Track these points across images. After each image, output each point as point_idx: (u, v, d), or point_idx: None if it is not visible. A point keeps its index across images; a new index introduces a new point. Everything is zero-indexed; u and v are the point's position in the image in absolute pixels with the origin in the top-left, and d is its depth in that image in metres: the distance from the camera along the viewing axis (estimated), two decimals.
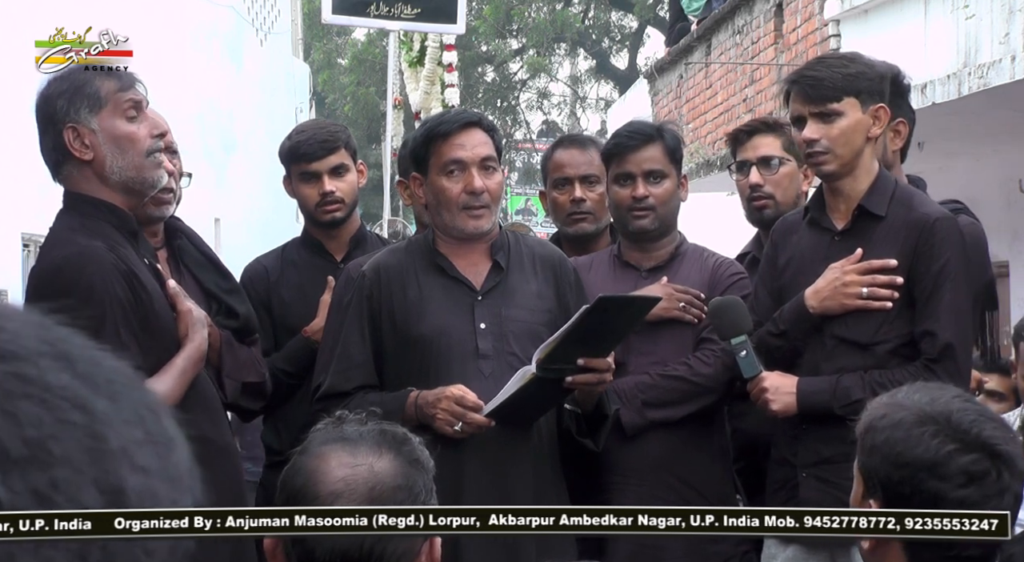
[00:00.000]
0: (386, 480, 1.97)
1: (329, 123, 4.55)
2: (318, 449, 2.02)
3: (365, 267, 3.72)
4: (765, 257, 3.83)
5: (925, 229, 3.56)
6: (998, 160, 9.91)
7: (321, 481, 1.97)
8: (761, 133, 4.23)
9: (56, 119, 3.28)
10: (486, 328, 3.60)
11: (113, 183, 3.29)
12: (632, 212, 3.94)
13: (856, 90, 3.58)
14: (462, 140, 3.63)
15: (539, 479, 3.58)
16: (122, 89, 3.31)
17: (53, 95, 3.29)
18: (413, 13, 8.80)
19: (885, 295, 3.56)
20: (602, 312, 3.36)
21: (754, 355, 3.61)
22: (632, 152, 3.95)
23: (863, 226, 3.62)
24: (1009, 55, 7.24)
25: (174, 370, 3.29)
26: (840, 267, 3.60)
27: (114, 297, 3.19)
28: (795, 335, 3.63)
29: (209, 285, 3.84)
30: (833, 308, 3.58)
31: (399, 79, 12.36)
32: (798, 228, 3.75)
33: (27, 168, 7.85)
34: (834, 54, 3.93)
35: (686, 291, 3.89)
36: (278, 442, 4.24)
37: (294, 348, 4.16)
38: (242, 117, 12.67)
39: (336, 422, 2.07)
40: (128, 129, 3.29)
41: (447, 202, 3.62)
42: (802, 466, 3.64)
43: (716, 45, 12.94)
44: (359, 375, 3.63)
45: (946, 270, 3.54)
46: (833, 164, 3.59)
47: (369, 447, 2.00)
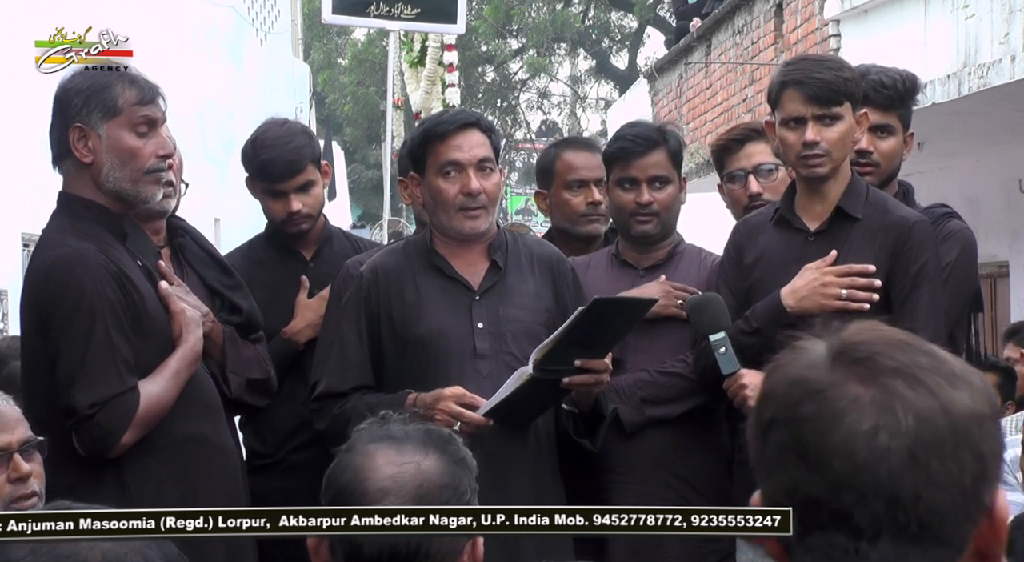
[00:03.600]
0: (433, 478, 1.99)
1: (292, 133, 4.25)
2: (364, 447, 2.04)
3: (363, 268, 3.71)
4: (727, 256, 3.83)
5: (903, 232, 3.62)
6: (998, 160, 9.91)
7: (369, 478, 1.99)
8: (753, 141, 4.21)
9: (67, 114, 3.27)
10: (484, 328, 3.61)
11: (106, 190, 3.30)
12: (636, 217, 3.95)
13: (850, 95, 3.63)
14: (459, 141, 3.63)
15: (538, 480, 3.59)
16: (140, 103, 3.30)
17: (72, 90, 3.28)
18: (413, 13, 8.80)
19: (863, 297, 3.60)
20: (598, 314, 3.36)
21: (733, 352, 3.62)
22: (638, 157, 3.95)
23: (838, 227, 3.66)
24: (1009, 55, 7.24)
25: (168, 371, 3.29)
26: (817, 268, 3.63)
27: (105, 299, 3.19)
28: (770, 334, 3.64)
29: (212, 282, 3.84)
30: (810, 308, 3.60)
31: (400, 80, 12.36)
32: (765, 228, 3.77)
33: (27, 168, 7.87)
34: (820, 56, 3.94)
35: (683, 288, 3.90)
36: (261, 445, 4.21)
37: (273, 350, 4.11)
38: (242, 117, 12.65)
39: (380, 421, 2.09)
40: (134, 144, 3.28)
41: (444, 203, 3.63)
42: None
43: (716, 45, 12.94)
44: (356, 376, 3.63)
45: (924, 272, 3.60)
46: (827, 167, 3.63)
47: (415, 446, 2.03)
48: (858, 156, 3.84)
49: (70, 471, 3.17)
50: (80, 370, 3.16)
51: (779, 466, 1.33)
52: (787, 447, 1.32)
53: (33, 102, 4.42)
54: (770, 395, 1.38)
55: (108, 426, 3.17)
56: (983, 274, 8.71)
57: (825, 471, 1.29)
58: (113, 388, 3.17)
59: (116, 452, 3.20)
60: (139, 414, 3.19)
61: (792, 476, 1.32)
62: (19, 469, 2.81)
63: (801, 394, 1.33)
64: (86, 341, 3.17)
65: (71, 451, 3.17)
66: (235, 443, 3.73)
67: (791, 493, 1.32)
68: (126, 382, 3.19)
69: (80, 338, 3.17)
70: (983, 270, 8.47)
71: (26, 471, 2.81)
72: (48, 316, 3.21)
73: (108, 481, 3.21)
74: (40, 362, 3.24)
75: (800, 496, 1.31)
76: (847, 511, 1.29)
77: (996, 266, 10.00)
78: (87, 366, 3.16)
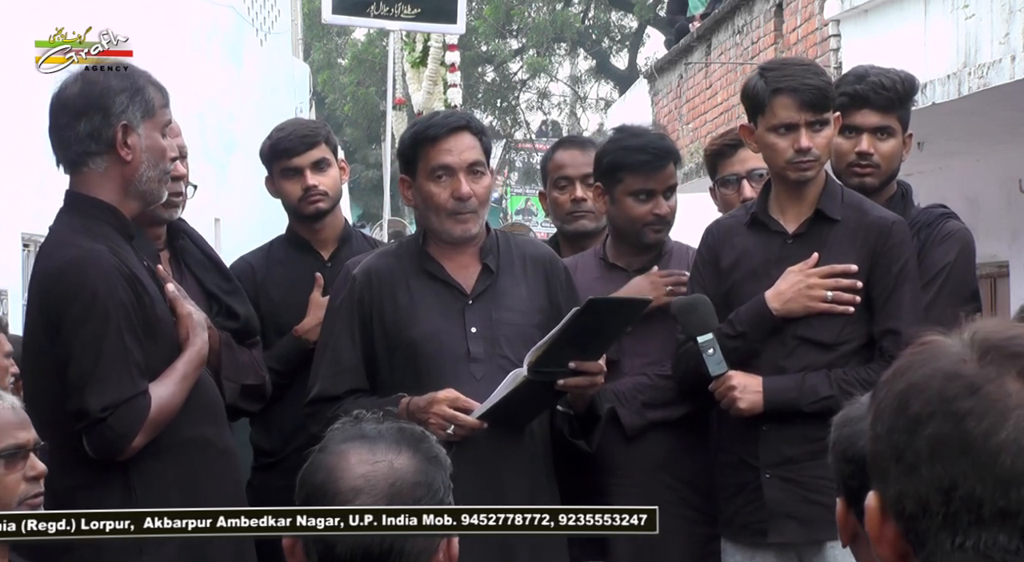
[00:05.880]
0: (406, 476, 1.98)
1: (309, 120, 4.57)
2: (337, 447, 2.03)
3: (355, 271, 3.72)
4: (701, 259, 3.82)
5: (883, 232, 3.65)
6: (998, 160, 9.91)
7: (341, 478, 1.98)
8: (746, 146, 4.22)
9: (112, 112, 3.25)
10: (477, 332, 3.61)
11: (133, 189, 3.29)
12: (652, 226, 3.95)
13: (834, 99, 3.68)
14: (450, 145, 3.63)
15: (533, 481, 3.59)
16: (165, 105, 3.34)
17: (115, 88, 3.27)
18: (413, 13, 8.80)
19: (848, 299, 3.62)
20: (593, 314, 3.36)
21: (721, 353, 3.62)
22: (658, 171, 3.95)
23: (817, 229, 3.68)
24: (1009, 55, 7.24)
25: (176, 374, 3.28)
26: (800, 270, 3.64)
27: (117, 301, 3.17)
28: (755, 337, 3.65)
29: (210, 286, 3.84)
30: (796, 311, 3.62)
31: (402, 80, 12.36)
32: (739, 230, 3.77)
33: (27, 168, 7.87)
34: (800, 61, 3.95)
35: (670, 274, 3.92)
36: (268, 443, 4.22)
37: (284, 348, 4.13)
38: (242, 117, 12.66)
39: (354, 421, 2.09)
40: (163, 145, 3.32)
41: (435, 207, 3.63)
42: (765, 467, 3.65)
43: (716, 45, 12.94)
44: (348, 379, 3.63)
45: (905, 271, 3.64)
46: (815, 171, 3.66)
47: (388, 444, 2.02)
48: (858, 158, 3.85)
49: (75, 474, 3.17)
50: (93, 373, 3.15)
51: (933, 462, 1.29)
52: (946, 443, 1.29)
53: (33, 102, 4.42)
54: (918, 390, 1.33)
55: (120, 429, 3.15)
56: (983, 274, 8.72)
57: (993, 467, 1.26)
58: (126, 391, 3.16)
59: (127, 455, 3.18)
60: (150, 417, 3.18)
61: (951, 472, 1.28)
62: (36, 468, 2.82)
63: (958, 389, 1.30)
64: (99, 343, 3.15)
65: (76, 454, 3.16)
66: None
67: (948, 490, 1.28)
68: (138, 385, 3.18)
69: (93, 340, 3.15)
70: (983, 270, 8.47)
71: (42, 470, 2.82)
72: (60, 318, 3.19)
73: (115, 484, 3.19)
74: (46, 363, 3.22)
75: (960, 493, 1.28)
76: (1015, 509, 1.26)
77: (996, 266, 9.99)
78: (100, 369, 3.15)
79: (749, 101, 3.71)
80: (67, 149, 3.30)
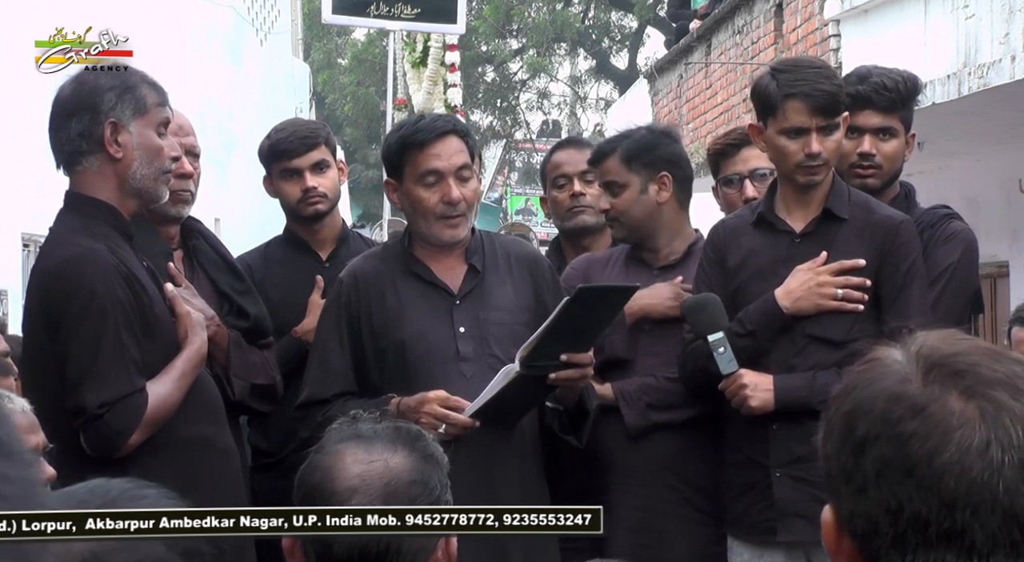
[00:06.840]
0: (401, 475, 2.00)
1: (309, 121, 4.56)
2: (334, 447, 2.05)
3: (342, 273, 3.74)
4: (708, 260, 3.81)
5: (891, 230, 3.65)
6: (998, 160, 9.91)
7: (337, 477, 2.00)
8: (749, 145, 4.19)
9: (100, 109, 3.27)
10: (466, 332, 3.62)
11: (128, 187, 3.30)
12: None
13: (844, 103, 3.67)
14: (438, 150, 3.63)
15: (524, 479, 3.60)
16: (160, 104, 3.35)
17: (103, 87, 3.29)
18: (413, 13, 8.80)
19: (857, 297, 3.62)
20: (583, 303, 3.36)
21: (731, 352, 3.62)
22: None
23: (825, 228, 3.68)
24: (1009, 55, 7.24)
25: (174, 373, 3.29)
26: (810, 268, 3.64)
27: (116, 299, 3.19)
28: (765, 335, 3.65)
29: (223, 285, 3.86)
30: (806, 309, 3.62)
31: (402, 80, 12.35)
32: (745, 230, 3.77)
33: (27, 168, 7.87)
34: (812, 63, 3.92)
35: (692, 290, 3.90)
36: (266, 444, 4.22)
37: (284, 348, 4.13)
38: (242, 117, 12.66)
39: (351, 421, 2.11)
40: (159, 143, 3.32)
41: (424, 212, 3.64)
42: (775, 466, 3.65)
43: (716, 45, 12.94)
44: (337, 383, 3.64)
45: (913, 269, 3.65)
46: (823, 175, 3.66)
47: (384, 444, 2.04)
48: (861, 159, 3.85)
49: (73, 472, 3.16)
50: (90, 370, 3.16)
51: (879, 484, 1.30)
52: (891, 465, 1.29)
53: (33, 102, 4.42)
54: (863, 410, 1.33)
55: (117, 426, 3.17)
56: (983, 274, 8.71)
57: (937, 489, 1.26)
58: (123, 388, 3.17)
59: (124, 452, 3.20)
60: (147, 415, 3.20)
61: (897, 494, 1.28)
62: (45, 472, 2.83)
63: (902, 410, 1.30)
64: (97, 341, 3.17)
65: (73, 452, 3.17)
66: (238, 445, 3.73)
67: (895, 511, 1.29)
68: (135, 383, 3.19)
69: (91, 338, 3.17)
70: (983, 270, 8.46)
71: (52, 474, 2.82)
72: (59, 316, 3.21)
73: None
74: (46, 361, 3.24)
75: (906, 515, 1.28)
76: (960, 529, 1.26)
77: (996, 266, 9.99)
78: (97, 366, 3.16)
79: (760, 102, 3.70)
80: (62, 149, 3.32)
